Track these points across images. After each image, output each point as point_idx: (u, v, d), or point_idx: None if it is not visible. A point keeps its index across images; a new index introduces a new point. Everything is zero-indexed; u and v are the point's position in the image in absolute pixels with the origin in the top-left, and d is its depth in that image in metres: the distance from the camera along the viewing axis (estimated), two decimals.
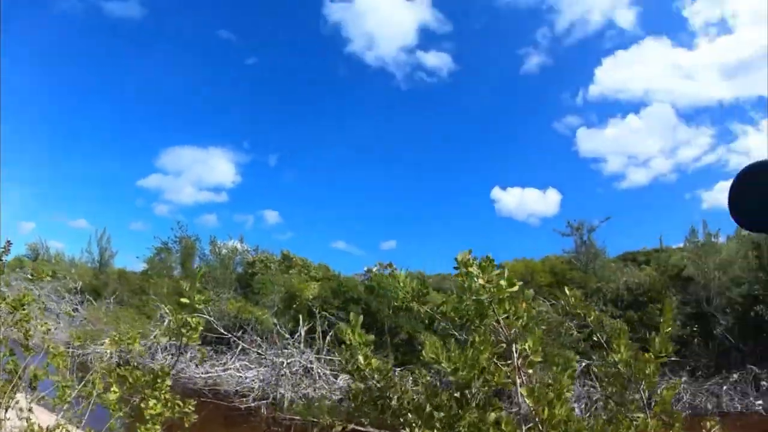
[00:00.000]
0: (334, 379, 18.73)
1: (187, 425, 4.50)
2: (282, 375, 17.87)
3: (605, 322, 17.46)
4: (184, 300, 4.33)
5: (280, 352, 19.11)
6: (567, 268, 22.19)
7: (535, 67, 65.54)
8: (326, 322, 20.54)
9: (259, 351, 19.24)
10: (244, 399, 17.20)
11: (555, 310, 19.50)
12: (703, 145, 66.39)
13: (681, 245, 23.00)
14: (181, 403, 4.48)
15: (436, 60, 63.76)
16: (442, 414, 3.01)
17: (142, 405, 4.30)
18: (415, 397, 3.25)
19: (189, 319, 4.32)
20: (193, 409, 4.57)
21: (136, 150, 70.10)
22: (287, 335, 20.36)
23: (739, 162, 56.77)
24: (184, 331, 4.33)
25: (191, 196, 66.63)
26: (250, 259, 27.17)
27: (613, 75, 67.74)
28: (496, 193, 72.40)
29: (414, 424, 2.99)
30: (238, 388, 17.59)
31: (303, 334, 20.26)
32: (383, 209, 63.68)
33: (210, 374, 18.46)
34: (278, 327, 20.53)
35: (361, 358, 3.31)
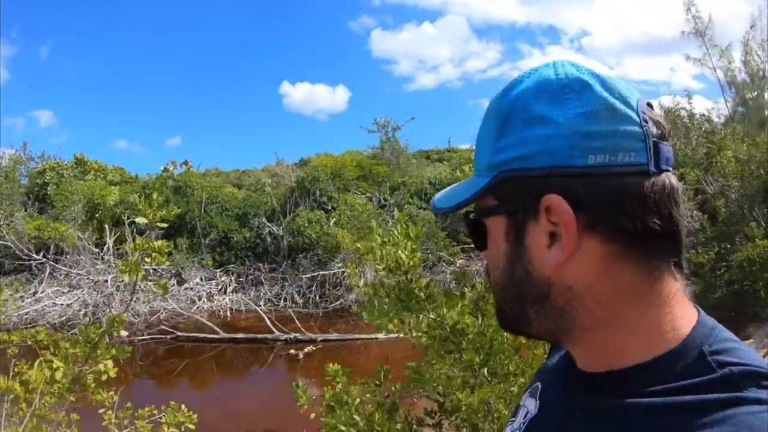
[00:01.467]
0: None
1: None
2: (110, 294, 17.10)
3: (413, 211, 19.08)
4: None
5: (96, 269, 18.14)
6: (373, 162, 23.33)
7: None
8: (134, 229, 19.82)
9: (77, 271, 17.97)
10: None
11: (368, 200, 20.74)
12: (491, 59, 71.36)
13: (468, 146, 25.38)
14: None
15: None
16: None
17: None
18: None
19: None
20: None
21: None
22: (95, 249, 19.40)
23: None
24: None
25: None
26: (38, 167, 24.75)
27: None
28: (285, 87, 71.92)
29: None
30: (61, 319, 16.22)
31: (111, 245, 19.42)
32: (166, 104, 60.13)
33: (23, 308, 16.69)
34: (84, 241, 19.39)
35: None
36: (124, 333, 3.60)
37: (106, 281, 17.46)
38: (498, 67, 70.09)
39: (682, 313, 0.69)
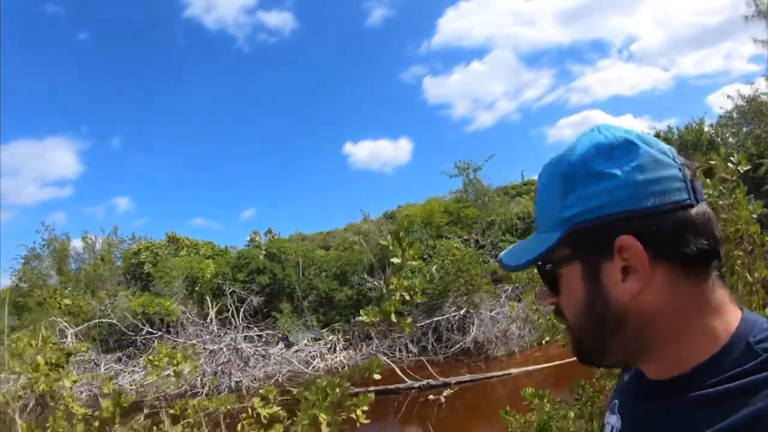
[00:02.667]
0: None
1: None
2: (227, 361, 17.09)
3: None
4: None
5: (203, 339, 18.23)
6: (460, 206, 23.23)
7: (379, 20, 66.33)
8: (235, 299, 19.98)
9: (189, 341, 18.06)
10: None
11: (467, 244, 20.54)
12: (545, 85, 71.62)
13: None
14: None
15: (278, 19, 62.68)
16: None
17: None
18: None
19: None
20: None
21: None
22: (199, 320, 19.56)
23: (579, 99, 61.80)
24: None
25: (33, 195, 60.53)
26: (133, 248, 25.44)
27: (455, 24, 70.57)
28: (348, 147, 73.50)
29: None
30: (178, 390, 16.23)
31: (214, 315, 19.56)
32: (237, 179, 62.08)
33: (137, 382, 16.63)
34: (187, 314, 19.61)
35: None
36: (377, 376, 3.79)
37: (221, 349, 17.48)
38: (553, 92, 69.90)
39: (730, 314, 0.79)
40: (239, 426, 3.90)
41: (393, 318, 3.35)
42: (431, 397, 13.43)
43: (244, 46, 66.37)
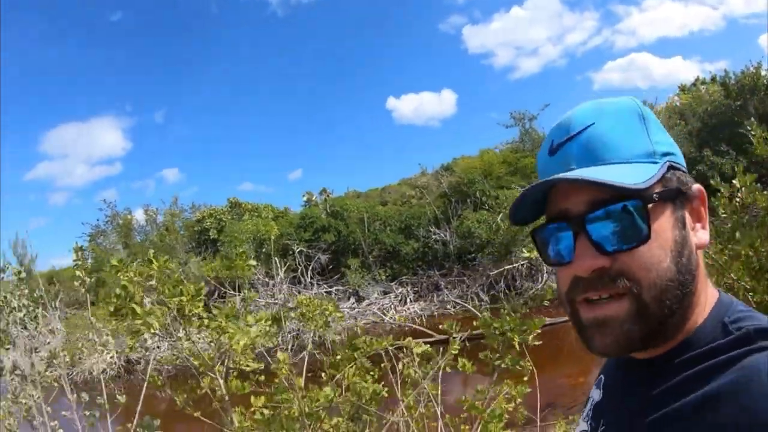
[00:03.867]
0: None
1: None
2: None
3: None
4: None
5: (283, 297, 18.72)
6: (518, 156, 23.17)
7: None
8: (302, 257, 20.39)
9: (271, 301, 18.60)
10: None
11: None
12: (589, 28, 69.26)
13: None
14: None
15: None
16: None
17: None
18: None
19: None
20: None
21: (15, 142, 63.49)
22: (268, 281, 20.04)
23: (625, 42, 59.76)
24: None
25: (84, 176, 62.30)
26: (197, 216, 26.03)
27: None
28: (391, 102, 72.81)
29: None
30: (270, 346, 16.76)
31: (283, 275, 20.01)
32: (282, 141, 62.52)
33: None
34: (257, 275, 20.09)
35: None
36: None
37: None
38: (598, 35, 67.82)
39: (711, 290, 0.80)
40: (400, 364, 4.05)
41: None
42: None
43: (278, 9, 66.15)
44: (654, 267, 0.71)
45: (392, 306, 19.12)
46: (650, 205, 0.71)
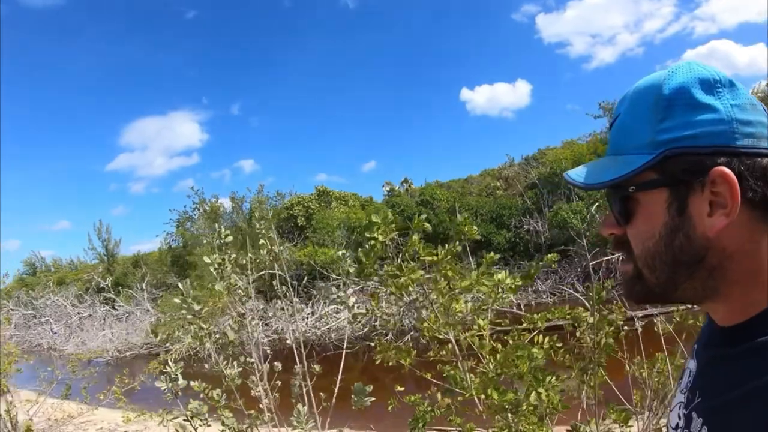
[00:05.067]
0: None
1: None
2: (410, 301, 17.90)
3: None
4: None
5: (374, 284, 19.02)
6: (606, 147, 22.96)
7: None
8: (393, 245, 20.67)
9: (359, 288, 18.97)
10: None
11: None
12: (667, 15, 66.80)
13: None
14: None
15: None
16: None
17: None
18: None
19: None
20: None
21: (97, 135, 67.15)
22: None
23: (705, 28, 57.49)
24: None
25: (163, 166, 65.05)
26: (285, 203, 26.78)
27: None
28: (465, 93, 72.21)
29: None
30: (360, 332, 17.15)
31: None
32: (355, 133, 63.27)
33: (317, 326, 17.91)
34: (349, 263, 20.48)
35: None
36: None
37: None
38: (676, 22, 65.35)
39: None
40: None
41: None
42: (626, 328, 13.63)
43: (350, 1, 66.65)
44: (641, 243, 0.82)
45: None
46: (632, 194, 0.80)
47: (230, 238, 3.95)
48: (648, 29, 62.27)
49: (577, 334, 3.92)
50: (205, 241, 25.42)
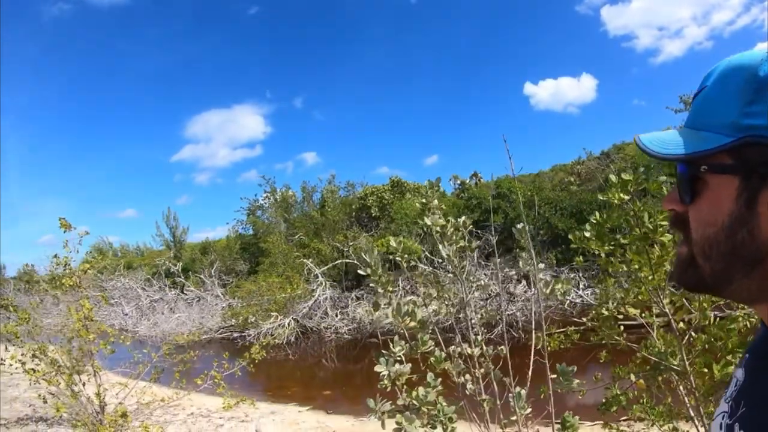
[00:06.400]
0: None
1: None
2: (495, 294, 18.09)
3: None
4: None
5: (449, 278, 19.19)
6: None
7: None
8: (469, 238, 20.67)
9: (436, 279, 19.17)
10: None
11: None
12: (736, 6, 64.43)
13: None
14: None
15: None
16: None
17: None
18: None
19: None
20: None
21: (163, 127, 69.49)
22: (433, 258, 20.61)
23: None
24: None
25: (227, 158, 66.83)
26: (358, 194, 27.09)
27: None
28: (529, 88, 71.08)
29: None
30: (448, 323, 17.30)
31: (451, 254, 20.40)
32: (417, 127, 63.32)
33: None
34: (425, 253, 20.69)
35: None
36: None
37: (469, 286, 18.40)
38: (746, 13, 62.78)
39: None
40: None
41: None
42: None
43: None
44: (702, 228, 0.75)
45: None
46: (703, 174, 0.74)
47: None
48: (716, 21, 60.08)
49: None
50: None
